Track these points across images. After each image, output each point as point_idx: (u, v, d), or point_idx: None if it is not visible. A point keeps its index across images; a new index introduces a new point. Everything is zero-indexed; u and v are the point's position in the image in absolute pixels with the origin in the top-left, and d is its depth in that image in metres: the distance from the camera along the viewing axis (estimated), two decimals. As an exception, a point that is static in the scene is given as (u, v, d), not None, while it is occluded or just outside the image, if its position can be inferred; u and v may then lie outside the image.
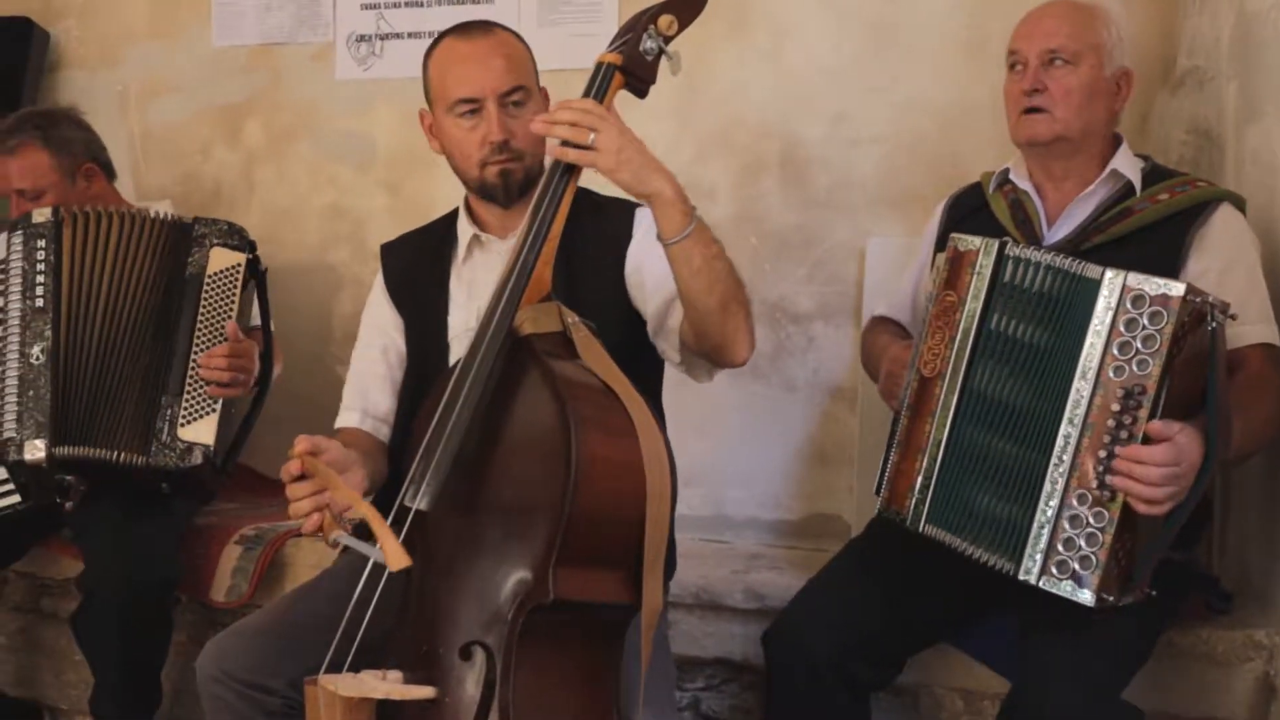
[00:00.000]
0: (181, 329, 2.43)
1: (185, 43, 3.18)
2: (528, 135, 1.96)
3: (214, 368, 2.39)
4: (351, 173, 3.07)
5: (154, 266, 2.46)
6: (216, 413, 2.42)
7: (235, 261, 2.48)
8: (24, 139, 2.58)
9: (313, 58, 3.08)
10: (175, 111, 3.19)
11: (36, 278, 2.41)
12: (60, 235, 2.44)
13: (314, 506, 1.69)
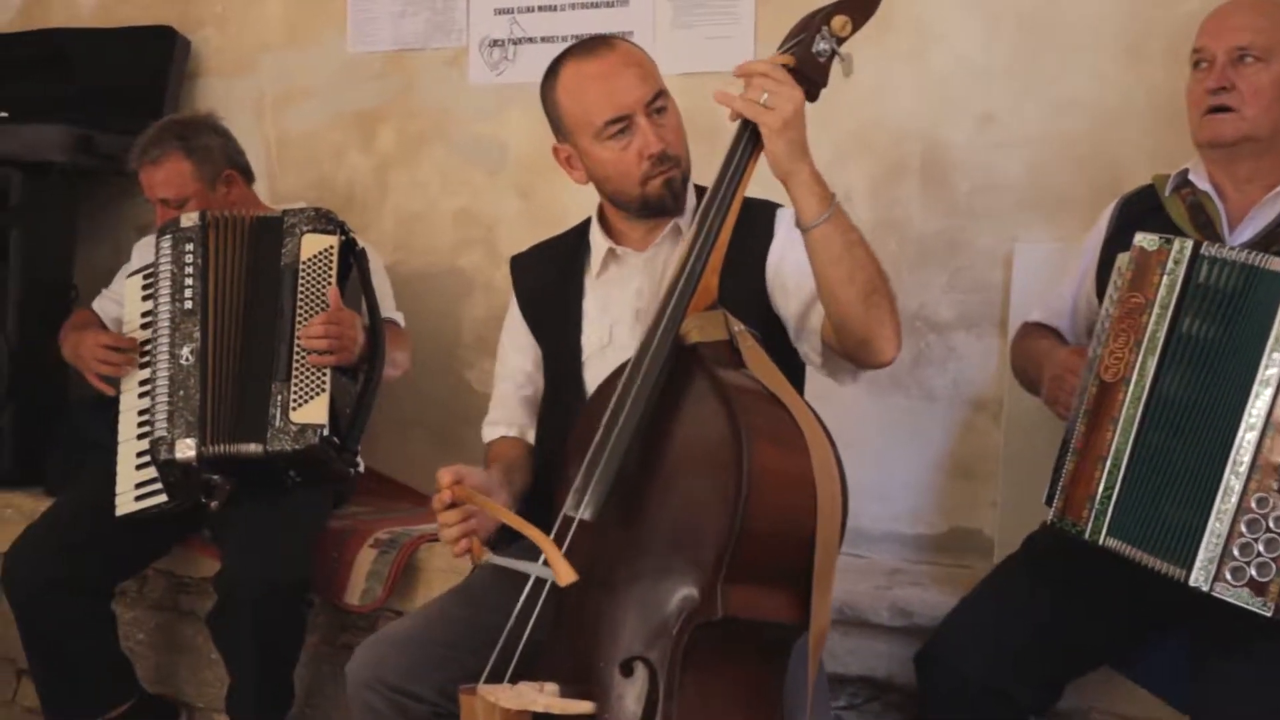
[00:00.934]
0: (284, 317, 2.44)
1: (320, 49, 3.21)
2: (679, 140, 1.93)
3: (312, 335, 2.40)
4: (483, 177, 3.07)
5: (258, 262, 2.48)
6: (326, 392, 2.42)
7: (326, 245, 2.49)
8: (166, 149, 2.62)
9: (446, 63, 3.09)
10: (310, 117, 3.22)
11: (185, 280, 2.45)
12: (207, 239, 2.48)
13: (463, 533, 1.76)
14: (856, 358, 1.79)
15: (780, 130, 1.64)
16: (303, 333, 2.40)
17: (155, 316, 2.47)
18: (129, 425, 2.54)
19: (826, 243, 1.68)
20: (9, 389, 2.97)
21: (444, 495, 1.75)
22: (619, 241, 2.03)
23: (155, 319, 2.47)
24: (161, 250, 2.49)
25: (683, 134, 1.95)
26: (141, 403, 2.53)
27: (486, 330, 3.05)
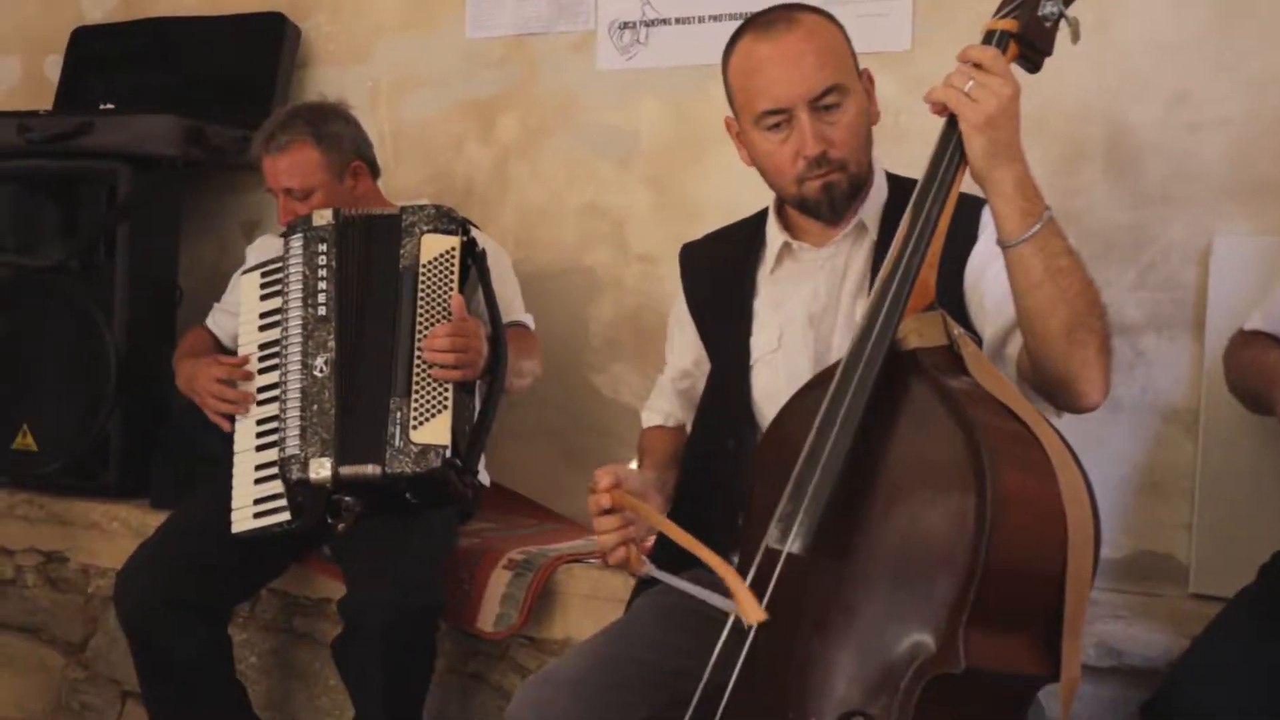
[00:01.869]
0: (402, 326, 2.25)
1: (437, 35, 3.03)
2: (849, 140, 1.71)
3: (437, 349, 2.20)
4: (612, 169, 2.86)
5: (375, 264, 2.30)
6: (449, 409, 2.22)
7: (448, 246, 2.29)
8: (295, 136, 2.45)
9: (572, 48, 2.89)
10: (427, 107, 3.04)
11: (319, 284, 2.27)
12: (341, 239, 2.29)
13: (620, 540, 1.59)
14: (1054, 398, 1.56)
15: (980, 127, 1.43)
16: (426, 344, 2.20)
17: (285, 320, 2.28)
18: (247, 435, 2.37)
19: (1025, 265, 1.47)
20: (115, 395, 2.81)
21: (601, 499, 1.58)
22: (796, 236, 1.81)
23: (285, 323, 2.28)
24: (292, 249, 2.31)
25: (858, 132, 1.73)
26: (262, 411, 2.36)
27: (615, 333, 2.85)
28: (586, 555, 2.43)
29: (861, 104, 1.74)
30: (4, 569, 2.94)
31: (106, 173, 2.82)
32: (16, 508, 2.89)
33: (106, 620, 2.82)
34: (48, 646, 2.91)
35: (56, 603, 2.89)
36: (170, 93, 3.10)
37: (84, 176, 2.86)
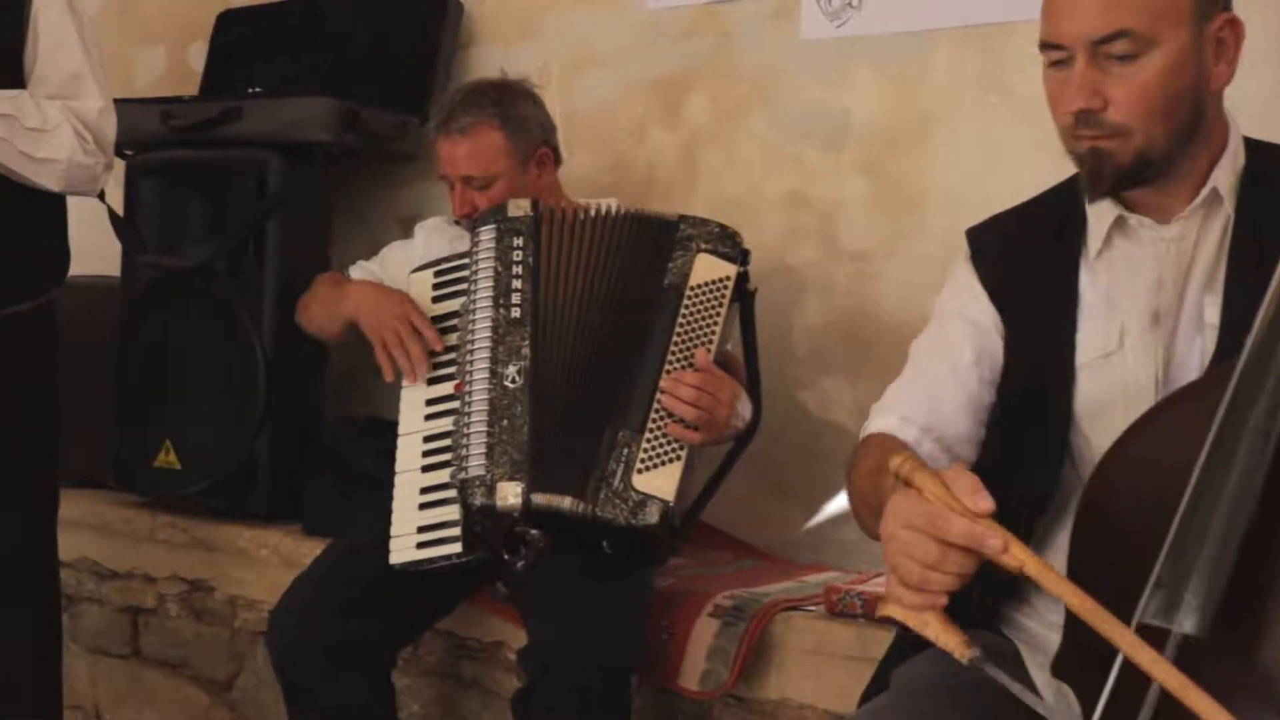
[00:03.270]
0: (650, 351, 1.93)
1: (615, 8, 2.70)
2: (1138, 104, 1.31)
3: (680, 397, 1.88)
4: (819, 153, 2.50)
5: (628, 272, 2.00)
6: (681, 460, 1.90)
7: (724, 274, 1.98)
8: (479, 117, 2.16)
9: (772, 15, 2.53)
10: (604, 88, 2.72)
11: (513, 283, 1.96)
12: (539, 233, 1.99)
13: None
14: None
15: None
16: (668, 385, 1.89)
17: (470, 322, 1.98)
18: (411, 454, 2.07)
19: None
20: (264, 409, 2.54)
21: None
22: (1132, 208, 1.42)
23: (470, 325, 1.97)
24: (481, 242, 2.01)
25: (1159, 96, 1.32)
26: (429, 426, 2.06)
27: (824, 341, 2.48)
28: (805, 601, 2.08)
29: (1177, 61, 1.33)
30: (145, 597, 2.69)
31: (255, 162, 2.56)
32: (159, 531, 2.64)
33: (254, 657, 2.55)
34: (191, 684, 2.65)
35: (201, 636, 2.63)
36: (322, 77, 2.84)
37: (231, 167, 2.61)
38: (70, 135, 2.03)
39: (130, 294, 2.69)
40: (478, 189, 2.16)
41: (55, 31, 2.05)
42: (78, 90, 2.07)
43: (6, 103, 1.97)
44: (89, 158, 2.06)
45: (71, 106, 2.05)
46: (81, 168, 2.06)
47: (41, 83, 2.05)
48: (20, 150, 1.99)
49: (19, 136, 1.98)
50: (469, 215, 2.20)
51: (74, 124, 2.04)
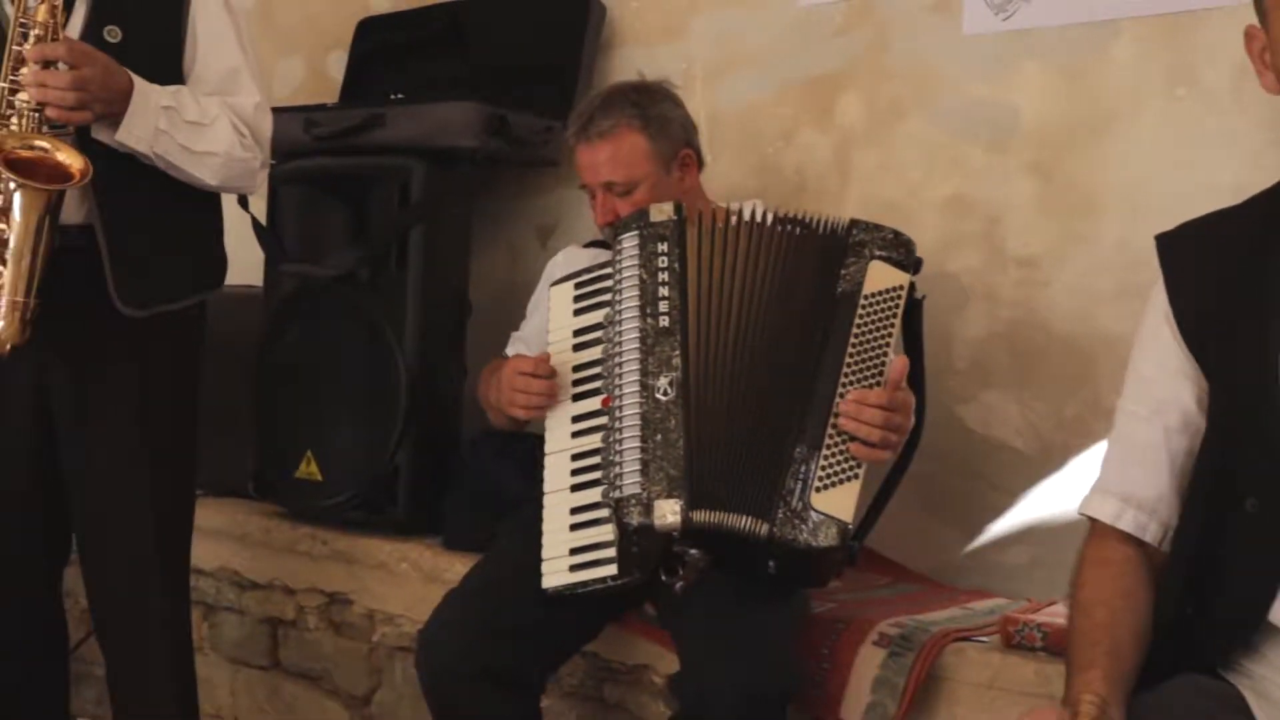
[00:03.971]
0: (825, 364, 1.82)
1: (764, 6, 2.60)
2: None
3: (863, 420, 1.77)
4: (984, 154, 2.36)
5: (791, 278, 1.89)
6: (859, 479, 1.79)
7: (898, 283, 1.87)
8: (619, 121, 2.08)
9: (931, 9, 2.40)
10: (751, 89, 2.62)
11: (659, 290, 1.87)
12: (684, 239, 1.89)
13: None
14: None
15: None
16: (849, 407, 1.77)
17: (616, 332, 1.89)
18: (560, 472, 1.98)
19: None
20: (405, 421, 2.49)
21: None
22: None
23: (616, 336, 1.88)
24: (624, 249, 1.92)
25: None
26: (577, 444, 1.97)
27: (987, 353, 2.34)
28: (977, 631, 1.94)
29: None
30: (285, 609, 2.67)
31: (399, 169, 2.51)
32: (299, 543, 2.62)
33: (393, 672, 2.51)
34: (330, 697, 2.62)
35: (340, 649, 2.60)
36: (463, 82, 2.78)
37: (374, 174, 2.56)
38: (228, 128, 2.02)
39: (272, 303, 2.67)
40: (620, 195, 2.09)
41: (213, 29, 2.04)
42: (235, 86, 2.06)
43: (167, 96, 1.96)
44: (246, 152, 2.05)
45: (229, 102, 2.04)
46: (239, 162, 2.04)
47: (200, 80, 2.05)
48: (180, 143, 1.97)
49: (179, 129, 1.96)
50: (611, 223, 2.12)
51: (232, 118, 2.03)
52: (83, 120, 1.87)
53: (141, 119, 1.92)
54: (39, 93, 1.82)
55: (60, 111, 1.84)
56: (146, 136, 1.93)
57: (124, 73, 1.90)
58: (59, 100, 1.83)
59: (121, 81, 1.89)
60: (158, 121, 1.93)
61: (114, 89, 1.88)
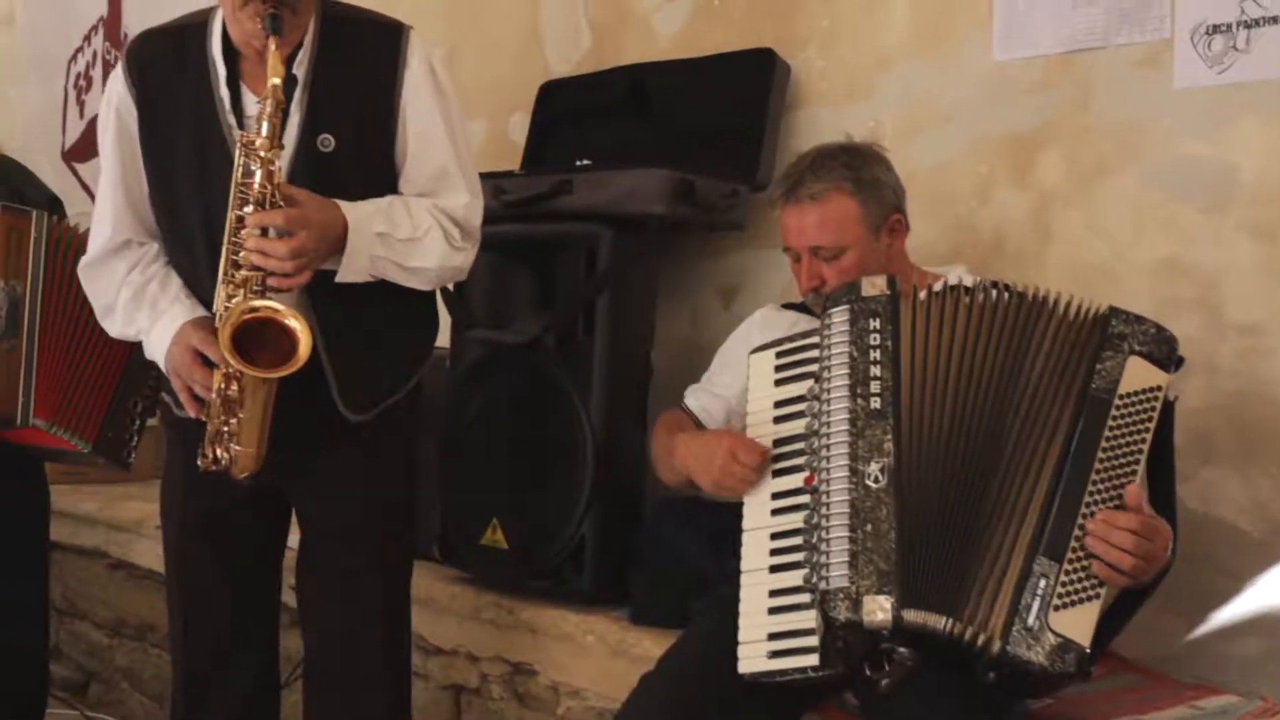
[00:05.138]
0: (1070, 467, 1.70)
1: (956, 61, 2.52)
2: None
3: (1113, 543, 1.65)
4: (1198, 215, 2.23)
5: (1022, 363, 1.78)
6: (1100, 599, 1.67)
7: (1155, 383, 1.74)
8: (830, 184, 2.02)
9: (1138, 63, 2.29)
10: (944, 147, 2.53)
11: (870, 369, 1.79)
12: (898, 315, 1.81)
13: None
14: None
15: None
16: (1096, 528, 1.66)
17: (823, 412, 1.81)
18: (758, 552, 1.91)
19: None
20: (592, 491, 2.47)
21: None
22: None
23: (823, 416, 1.81)
24: (834, 324, 1.84)
25: None
26: (776, 522, 1.90)
27: (1207, 426, 2.20)
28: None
29: None
30: (469, 676, 2.67)
31: (587, 236, 2.50)
32: (484, 610, 2.61)
33: (575, 753, 2.48)
34: (514, 770, 2.60)
35: None
36: (648, 147, 2.77)
37: (562, 241, 2.56)
38: (440, 239, 2.02)
39: (459, 368, 2.69)
40: (826, 259, 2.02)
41: (424, 129, 2.04)
42: (444, 186, 2.06)
43: (380, 220, 1.97)
44: (457, 254, 2.06)
45: (439, 205, 2.04)
46: (451, 268, 2.08)
47: (410, 181, 2.05)
48: (395, 263, 2.00)
49: (394, 250, 1.98)
50: (816, 289, 2.06)
51: (442, 223, 2.03)
52: (302, 283, 1.90)
53: (359, 256, 1.95)
54: (259, 260, 1.86)
55: (280, 280, 1.88)
56: (364, 269, 1.97)
57: (338, 217, 1.92)
58: (278, 269, 1.87)
59: (337, 230, 1.92)
60: (374, 250, 1.95)
61: (331, 241, 1.91)
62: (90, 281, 2.12)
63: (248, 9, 1.91)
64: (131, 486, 3.82)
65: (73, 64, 4.73)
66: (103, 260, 2.10)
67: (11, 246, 2.41)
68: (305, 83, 1.99)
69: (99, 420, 2.59)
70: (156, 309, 2.03)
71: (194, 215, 2.01)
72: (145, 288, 2.05)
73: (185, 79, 2.02)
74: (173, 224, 2.06)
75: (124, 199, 2.08)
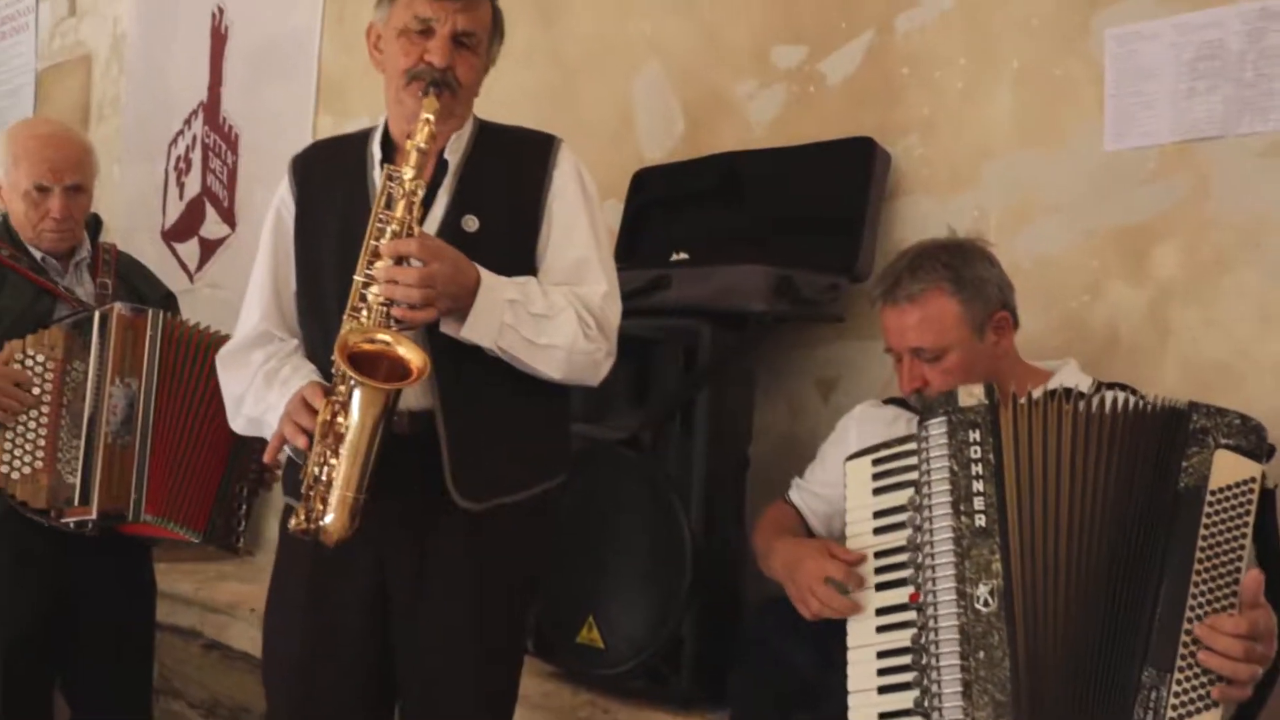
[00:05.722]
0: (1170, 571, 1.63)
1: (1065, 151, 2.45)
2: None
3: (1219, 650, 1.57)
4: (1330, 311, 2.14)
5: (1121, 470, 1.70)
6: (1219, 709, 1.58)
7: (1248, 475, 1.66)
8: (929, 284, 1.97)
9: (1261, 154, 2.21)
10: (1052, 239, 2.46)
11: (973, 485, 1.72)
12: (998, 425, 1.74)
13: None
14: None
15: None
16: (1205, 633, 1.59)
17: (923, 529, 1.75)
18: (865, 672, 1.83)
19: None
20: (690, 590, 2.41)
21: None
22: None
23: (923, 534, 1.75)
24: (931, 437, 1.78)
25: None
26: (883, 640, 1.83)
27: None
28: None
29: None
30: (565, 776, 2.61)
31: (685, 331, 2.47)
32: (580, 709, 2.56)
33: None
34: None
35: (618, 823, 2.52)
36: (742, 234, 2.73)
37: (658, 335, 2.52)
38: (573, 321, 1.94)
39: (554, 462, 2.66)
40: (928, 360, 1.97)
41: (567, 218, 2.01)
42: (583, 275, 2.00)
43: (513, 289, 1.91)
44: (590, 344, 1.97)
45: (577, 292, 1.98)
46: (582, 354, 1.97)
47: (549, 270, 2.00)
48: (524, 336, 1.91)
49: (523, 323, 1.91)
50: (919, 390, 2.00)
51: (578, 309, 1.96)
52: (427, 319, 1.84)
53: (487, 315, 1.88)
54: (388, 289, 1.81)
55: (406, 311, 1.82)
56: (491, 332, 1.89)
57: (472, 267, 1.87)
58: (406, 298, 1.81)
59: (469, 277, 1.86)
60: (503, 316, 1.88)
61: (462, 285, 1.85)
62: (226, 369, 2.09)
63: (411, 87, 1.94)
64: (226, 565, 3.86)
65: (173, 147, 4.84)
66: (243, 349, 2.07)
67: (129, 346, 2.44)
68: (456, 167, 1.99)
69: (207, 509, 2.59)
70: (288, 386, 1.96)
71: (332, 292, 1.97)
72: (278, 371, 2.01)
73: (343, 173, 2.04)
74: (312, 305, 2.03)
75: (271, 292, 2.08)
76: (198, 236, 4.72)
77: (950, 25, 2.63)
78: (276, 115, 4.38)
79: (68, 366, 2.44)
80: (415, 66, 1.93)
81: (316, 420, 1.83)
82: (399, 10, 1.96)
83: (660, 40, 3.20)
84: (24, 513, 2.41)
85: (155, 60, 4.97)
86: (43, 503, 2.40)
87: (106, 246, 2.72)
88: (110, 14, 5.26)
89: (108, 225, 4.66)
